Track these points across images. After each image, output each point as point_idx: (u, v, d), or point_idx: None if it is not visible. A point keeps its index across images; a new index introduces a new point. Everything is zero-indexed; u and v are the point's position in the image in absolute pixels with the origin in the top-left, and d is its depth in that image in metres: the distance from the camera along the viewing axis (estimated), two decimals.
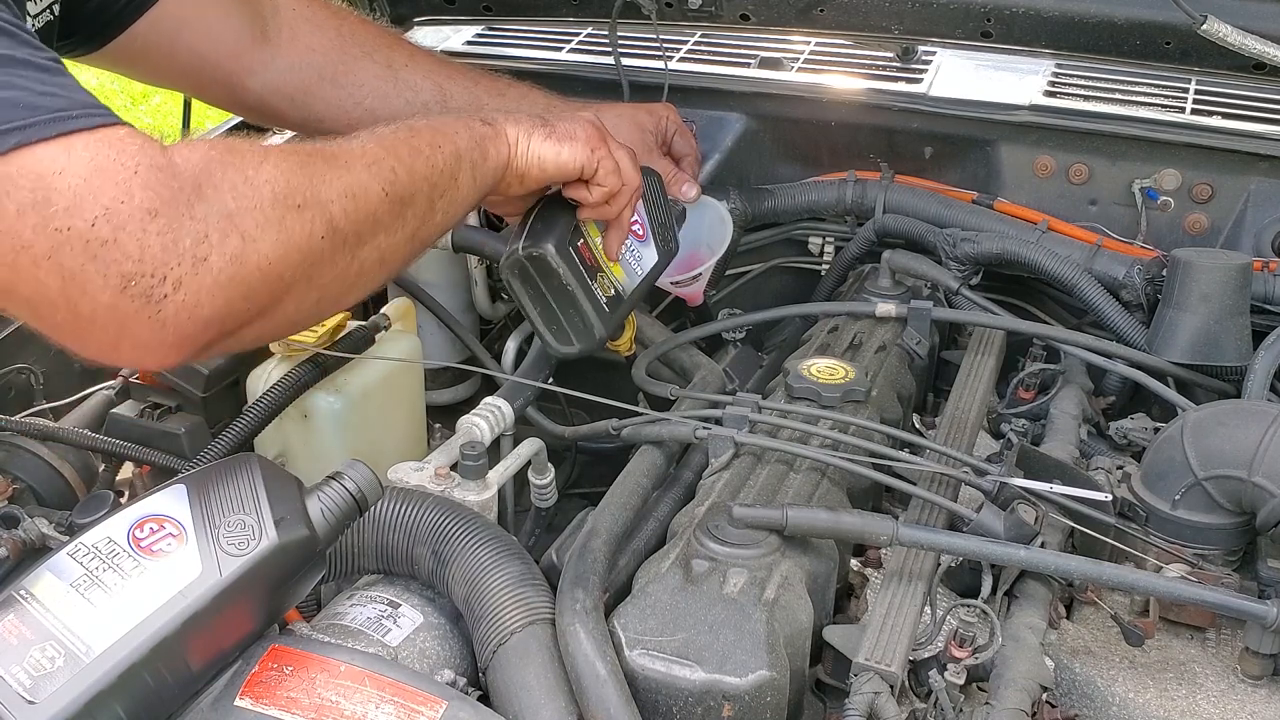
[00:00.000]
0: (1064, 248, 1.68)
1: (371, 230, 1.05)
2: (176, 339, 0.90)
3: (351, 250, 1.03)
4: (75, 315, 0.88)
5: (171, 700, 0.87)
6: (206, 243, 0.90)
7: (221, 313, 0.92)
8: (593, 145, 1.26)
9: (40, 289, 0.87)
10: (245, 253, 0.92)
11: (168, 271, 0.88)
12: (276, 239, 0.95)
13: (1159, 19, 1.56)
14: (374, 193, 1.05)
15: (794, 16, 1.77)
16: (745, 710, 0.96)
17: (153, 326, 0.89)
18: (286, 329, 1.06)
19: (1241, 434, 1.21)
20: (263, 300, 0.95)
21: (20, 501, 1.32)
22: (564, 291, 1.31)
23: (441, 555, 1.08)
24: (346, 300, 1.10)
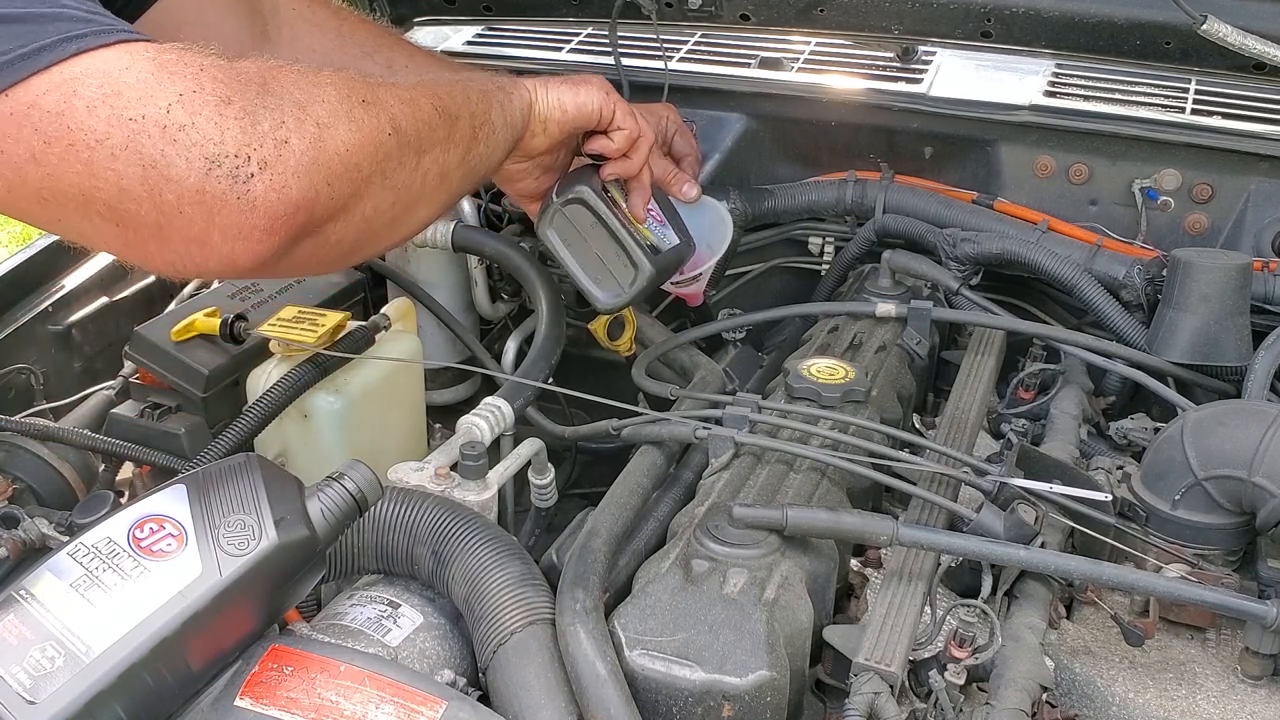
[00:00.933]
0: (1064, 248, 1.67)
1: (430, 139, 1.05)
2: (268, 222, 0.88)
3: (416, 156, 1.03)
4: (160, 208, 0.85)
5: (171, 700, 0.87)
6: (284, 127, 0.89)
7: (308, 196, 0.90)
8: (605, 90, 1.30)
9: (120, 184, 0.84)
10: (323, 137, 0.91)
11: (251, 152, 0.86)
12: (349, 128, 0.94)
13: (1159, 19, 1.55)
14: (425, 106, 1.06)
15: (794, 16, 1.77)
16: (745, 710, 0.96)
17: (242, 208, 0.86)
18: (368, 235, 1.03)
19: (1241, 434, 1.21)
20: (344, 190, 0.94)
21: (20, 501, 1.33)
22: (604, 231, 1.32)
23: (441, 555, 1.08)
24: (415, 214, 1.09)
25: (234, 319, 1.49)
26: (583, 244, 1.34)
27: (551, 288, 1.61)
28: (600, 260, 1.35)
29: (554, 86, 1.27)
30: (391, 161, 1.00)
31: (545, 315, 1.58)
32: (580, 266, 1.36)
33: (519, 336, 1.82)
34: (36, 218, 0.89)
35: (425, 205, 1.10)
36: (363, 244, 1.03)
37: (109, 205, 0.85)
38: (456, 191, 1.17)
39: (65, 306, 1.70)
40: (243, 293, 1.60)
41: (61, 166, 0.84)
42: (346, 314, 1.52)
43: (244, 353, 1.51)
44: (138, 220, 0.86)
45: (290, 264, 0.95)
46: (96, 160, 0.83)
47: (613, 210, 1.34)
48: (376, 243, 1.07)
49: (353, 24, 1.52)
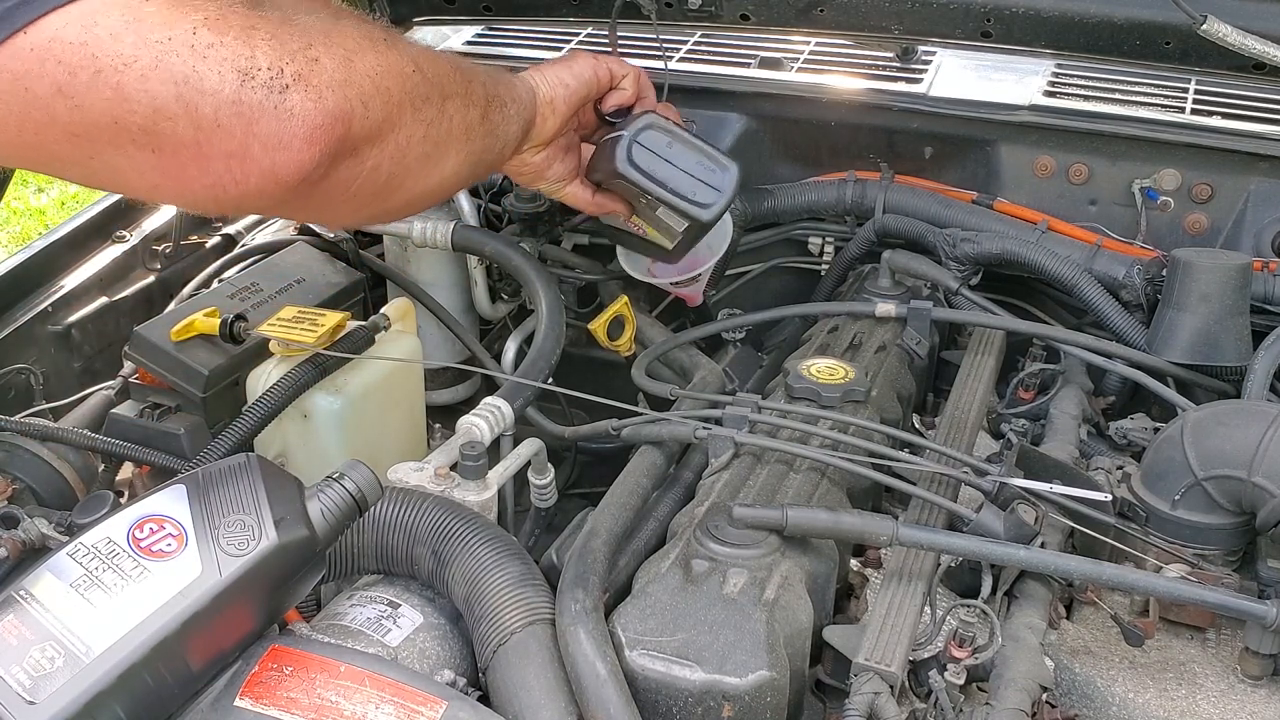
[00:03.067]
0: (1064, 248, 1.68)
1: (450, 88, 1.06)
2: (307, 130, 0.87)
3: (440, 99, 1.04)
4: (197, 123, 0.84)
5: (171, 700, 0.87)
6: (313, 48, 0.89)
7: (344, 109, 0.90)
8: (593, 56, 1.34)
9: (154, 104, 0.83)
10: (351, 59, 0.92)
11: (284, 65, 0.86)
12: (375, 58, 0.95)
13: (1159, 19, 1.56)
14: (441, 59, 1.07)
15: (794, 16, 1.77)
16: (745, 710, 0.96)
17: (280, 117, 0.86)
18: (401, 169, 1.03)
19: (1241, 434, 1.21)
20: (377, 112, 0.94)
21: (20, 501, 1.33)
22: (683, 143, 1.34)
23: (441, 555, 1.08)
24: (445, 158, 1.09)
25: (234, 319, 1.49)
26: (665, 166, 1.34)
27: (551, 288, 1.61)
28: (686, 174, 1.35)
29: (548, 69, 1.30)
30: (418, 96, 1.01)
31: (545, 315, 1.58)
32: (672, 189, 1.36)
33: (519, 336, 1.82)
34: (68, 159, 0.86)
35: (454, 152, 1.10)
36: (398, 177, 1.02)
37: (143, 129, 0.84)
38: (480, 153, 1.16)
39: (65, 306, 1.70)
40: (242, 292, 1.60)
41: (90, 95, 0.82)
42: (346, 314, 1.52)
43: (244, 353, 1.51)
44: (175, 141, 0.85)
45: (330, 188, 0.94)
46: (126, 83, 0.82)
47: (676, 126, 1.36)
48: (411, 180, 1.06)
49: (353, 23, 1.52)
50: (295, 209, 0.97)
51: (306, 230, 1.90)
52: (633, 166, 1.33)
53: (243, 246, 1.90)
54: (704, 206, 1.36)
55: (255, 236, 1.94)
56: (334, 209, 1.02)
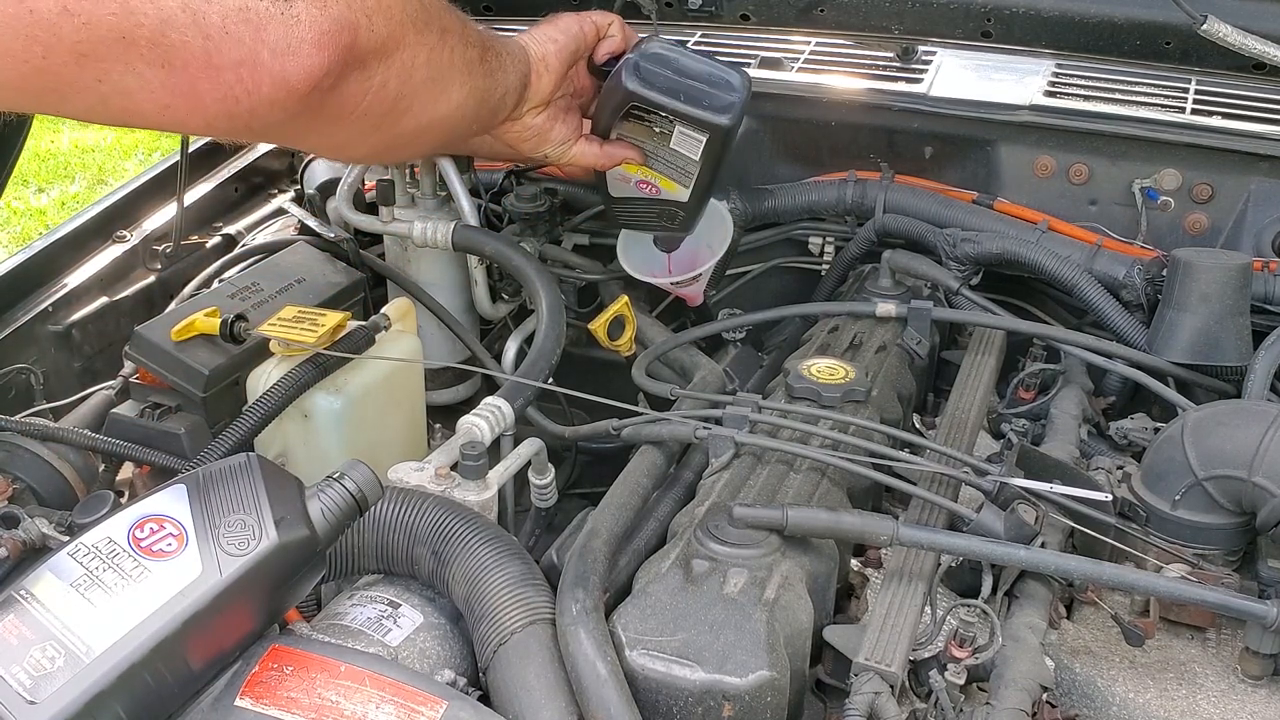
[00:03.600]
0: (1064, 248, 1.68)
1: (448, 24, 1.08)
2: (315, 35, 0.88)
3: (440, 30, 1.06)
4: (205, 32, 0.84)
5: (172, 700, 0.87)
6: None
7: (349, 19, 0.90)
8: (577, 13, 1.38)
9: (160, 15, 0.82)
10: None
11: None
12: None
13: (1159, 19, 1.56)
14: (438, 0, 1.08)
15: (794, 16, 1.77)
16: (745, 710, 0.96)
17: (287, 22, 0.86)
18: (408, 90, 1.03)
19: (1242, 434, 1.21)
20: (381, 28, 0.95)
21: (20, 501, 1.33)
22: (689, 56, 1.37)
23: (442, 555, 1.08)
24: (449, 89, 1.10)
25: (234, 319, 1.49)
26: (675, 79, 1.35)
27: (551, 288, 1.61)
28: (697, 82, 1.36)
29: (535, 30, 1.33)
30: (420, 20, 1.02)
31: (545, 315, 1.58)
32: (685, 99, 1.36)
33: (519, 336, 1.82)
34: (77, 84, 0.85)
35: (458, 83, 1.11)
36: (406, 99, 1.03)
37: (151, 42, 0.83)
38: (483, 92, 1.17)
39: (65, 306, 1.70)
40: (243, 292, 1.60)
41: (97, 9, 0.81)
42: (346, 314, 1.52)
43: (244, 353, 1.51)
44: (184, 53, 0.84)
45: (340, 101, 0.94)
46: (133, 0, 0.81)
47: None
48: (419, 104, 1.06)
49: None
50: (307, 126, 0.96)
51: (307, 230, 1.91)
52: (644, 83, 1.33)
53: (243, 246, 1.90)
54: (722, 110, 1.35)
55: (255, 236, 1.94)
56: (345, 128, 1.00)
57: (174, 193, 1.86)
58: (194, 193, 1.94)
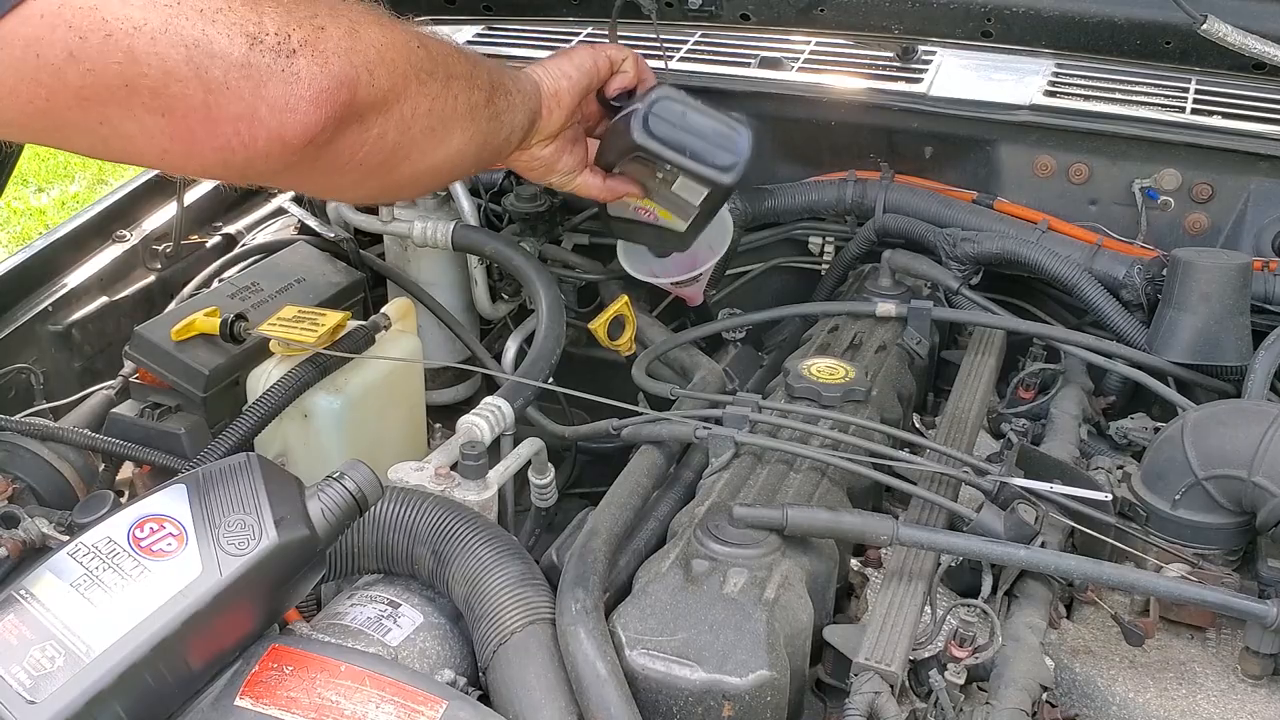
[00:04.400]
0: (1064, 247, 1.68)
1: (454, 70, 1.07)
2: (313, 93, 0.89)
3: (444, 77, 1.05)
4: (207, 85, 0.85)
5: (172, 700, 0.87)
6: (319, 17, 0.91)
7: (349, 75, 0.92)
8: (593, 46, 1.36)
9: (164, 67, 0.84)
10: (357, 30, 0.94)
11: (291, 31, 0.88)
12: (380, 31, 0.97)
13: (1159, 19, 1.55)
14: (446, 43, 1.08)
15: (794, 16, 1.76)
16: (745, 710, 0.96)
17: (287, 80, 0.88)
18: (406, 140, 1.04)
19: (1242, 434, 1.21)
20: (382, 81, 0.96)
21: (20, 501, 1.33)
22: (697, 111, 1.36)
23: (442, 555, 1.08)
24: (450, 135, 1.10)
25: (234, 319, 1.49)
26: (682, 133, 1.35)
27: (551, 287, 1.61)
28: (703, 139, 1.36)
29: (549, 63, 1.31)
30: (424, 70, 1.02)
31: (545, 315, 1.58)
32: (690, 155, 1.36)
33: (519, 336, 1.82)
34: (78, 125, 0.86)
35: (459, 131, 1.11)
36: (404, 149, 1.03)
37: (154, 91, 0.85)
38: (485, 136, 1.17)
39: (65, 306, 1.70)
40: (243, 292, 1.60)
41: (102, 58, 0.82)
42: (346, 314, 1.52)
43: (244, 352, 1.51)
44: (185, 104, 0.86)
45: (336, 153, 0.96)
46: (137, 46, 0.82)
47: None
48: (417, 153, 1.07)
49: None
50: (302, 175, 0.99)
51: (307, 230, 1.91)
52: (651, 137, 1.33)
53: (243, 246, 1.90)
54: (724, 170, 1.36)
55: (255, 236, 1.94)
56: (340, 177, 1.02)
57: (174, 192, 1.87)
58: (194, 192, 1.94)
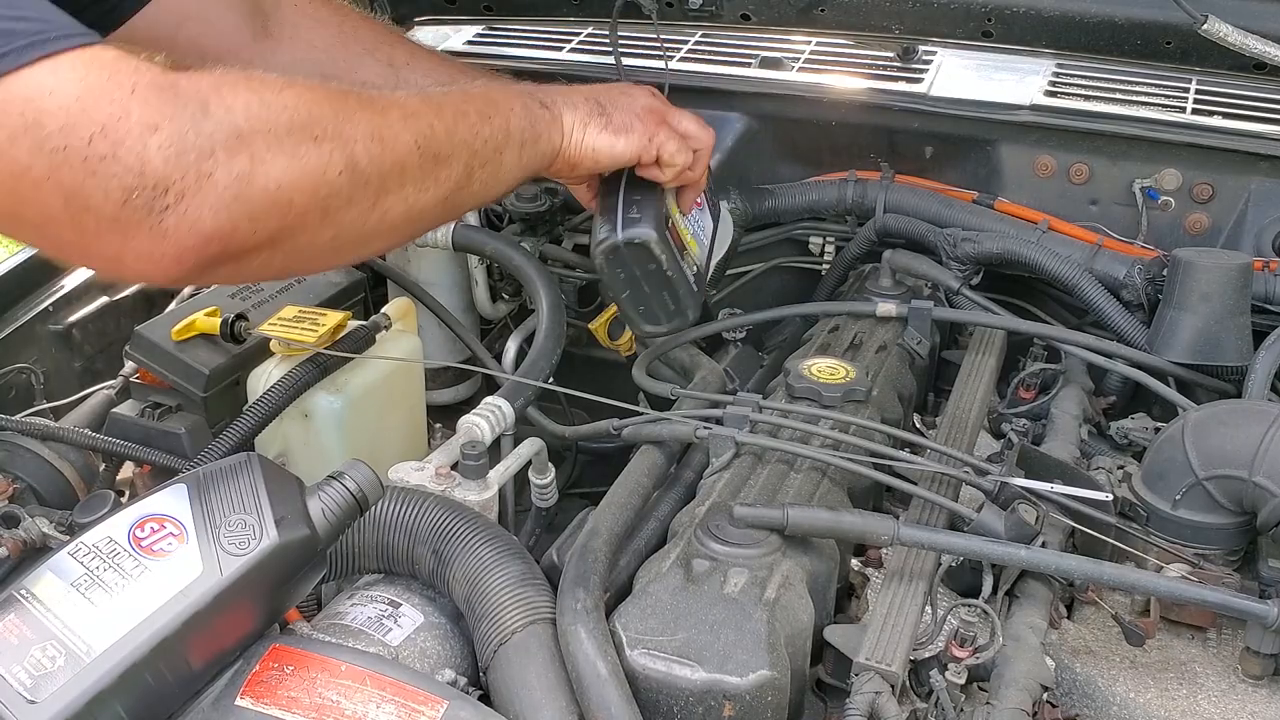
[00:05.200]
0: (1065, 247, 1.68)
1: (398, 181, 1.02)
2: (177, 251, 0.89)
3: (374, 196, 1.00)
4: (80, 232, 0.86)
5: (172, 699, 0.87)
6: (213, 159, 0.88)
7: (225, 230, 0.90)
8: (650, 133, 1.26)
9: (45, 210, 0.85)
10: (253, 173, 0.90)
11: (170, 185, 0.86)
12: (288, 165, 0.92)
13: (1160, 19, 1.56)
14: (404, 142, 1.02)
15: (794, 16, 1.77)
16: (746, 710, 0.96)
17: (154, 237, 0.87)
18: (301, 264, 1.03)
19: (1242, 434, 1.21)
20: (270, 226, 0.93)
21: (21, 501, 1.32)
22: (661, 276, 1.32)
23: (442, 555, 1.08)
24: (370, 247, 1.07)
25: (234, 319, 1.49)
26: (634, 280, 1.33)
27: (551, 287, 1.61)
28: (648, 295, 1.35)
29: (593, 130, 1.23)
30: (338, 200, 0.97)
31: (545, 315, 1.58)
32: (627, 296, 1.35)
33: (519, 336, 1.82)
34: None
35: (381, 241, 1.07)
36: (296, 268, 1.04)
37: (34, 225, 0.88)
38: (431, 226, 1.15)
39: (65, 306, 1.70)
40: (243, 292, 1.60)
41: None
42: (347, 314, 1.52)
43: (244, 352, 1.51)
44: (60, 241, 0.89)
45: (211, 279, 0.99)
46: (21, 189, 0.84)
47: (672, 250, 1.32)
48: (315, 267, 1.07)
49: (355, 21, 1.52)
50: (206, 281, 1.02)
51: None
52: (605, 264, 1.31)
53: None
54: (641, 327, 1.38)
55: None
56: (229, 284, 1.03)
57: None
58: None
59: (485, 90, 1.16)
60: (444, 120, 1.07)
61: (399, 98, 1.06)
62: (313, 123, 0.95)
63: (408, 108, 1.05)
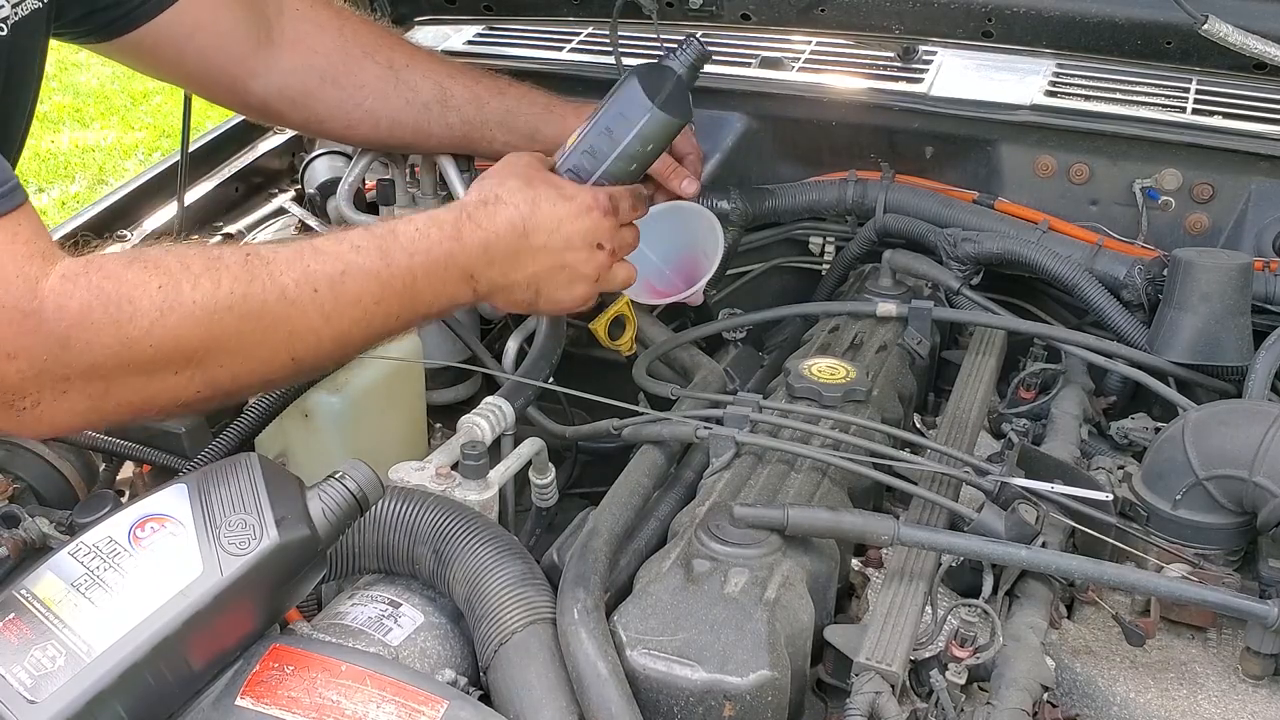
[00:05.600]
0: (1065, 247, 1.68)
1: (262, 385, 1.11)
2: (35, 434, 1.04)
3: (226, 397, 1.06)
4: None
5: (172, 699, 0.87)
6: (67, 383, 0.93)
7: (79, 426, 0.98)
8: (588, 295, 1.31)
9: None
10: (108, 395, 0.96)
11: (27, 395, 0.92)
12: (143, 388, 0.98)
13: (1160, 18, 1.56)
14: (279, 361, 1.05)
15: (795, 16, 1.77)
16: (746, 710, 0.96)
17: (15, 423, 0.94)
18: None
19: (1243, 434, 1.21)
20: (123, 419, 1.01)
21: (21, 501, 1.32)
22: None
23: (442, 555, 1.08)
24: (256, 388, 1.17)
25: None
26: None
27: None
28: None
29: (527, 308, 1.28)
30: (196, 407, 1.04)
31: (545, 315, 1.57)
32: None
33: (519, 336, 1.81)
34: None
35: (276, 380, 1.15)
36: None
37: None
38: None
39: None
40: None
41: None
42: None
43: None
44: None
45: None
46: None
47: None
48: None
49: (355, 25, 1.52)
50: None
51: (307, 230, 1.90)
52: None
53: None
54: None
55: (256, 236, 1.94)
56: None
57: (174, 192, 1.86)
58: (194, 192, 1.94)
59: (424, 267, 1.14)
60: (343, 324, 1.08)
61: (310, 298, 1.05)
62: (177, 357, 0.98)
63: (310, 315, 1.05)
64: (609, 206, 1.28)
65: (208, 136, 2.02)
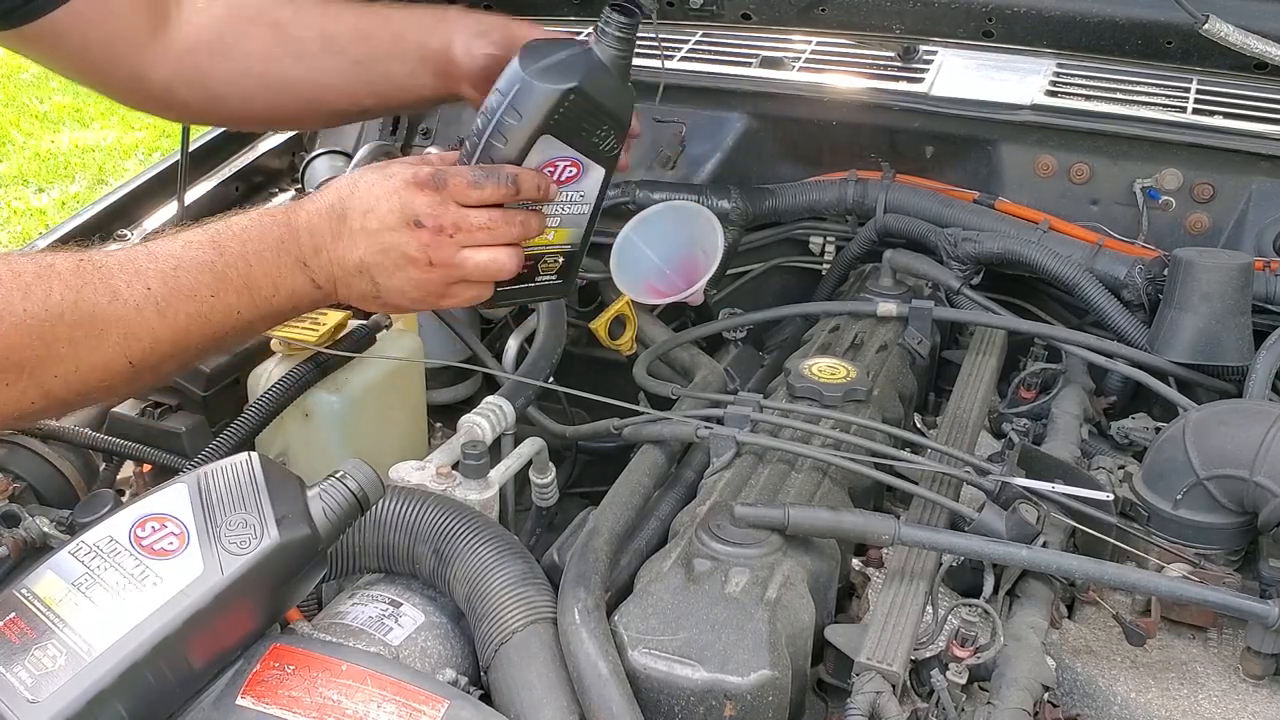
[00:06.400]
0: (1065, 247, 1.68)
1: (102, 394, 1.05)
2: None
3: (64, 407, 1.04)
4: None
5: (173, 699, 0.87)
6: None
7: None
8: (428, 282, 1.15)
9: None
10: None
11: None
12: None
13: (1161, 18, 1.55)
14: (116, 367, 1.02)
15: (795, 16, 1.76)
16: (747, 709, 0.96)
17: None
18: None
19: (1243, 434, 1.21)
20: None
21: (21, 500, 1.32)
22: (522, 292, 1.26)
23: (443, 554, 1.08)
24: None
25: None
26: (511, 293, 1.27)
27: None
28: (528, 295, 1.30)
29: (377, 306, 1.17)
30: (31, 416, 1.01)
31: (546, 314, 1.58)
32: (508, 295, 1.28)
33: (520, 335, 1.81)
34: None
35: None
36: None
37: None
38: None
39: None
40: None
41: None
42: (347, 313, 1.52)
43: (245, 351, 1.51)
44: None
45: None
46: None
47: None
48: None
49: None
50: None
51: None
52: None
53: None
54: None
55: None
56: None
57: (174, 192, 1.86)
58: (194, 191, 1.94)
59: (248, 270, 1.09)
60: (176, 323, 1.04)
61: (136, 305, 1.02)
62: (8, 368, 0.96)
63: (132, 325, 1.02)
64: (429, 181, 1.14)
65: (208, 136, 2.02)
